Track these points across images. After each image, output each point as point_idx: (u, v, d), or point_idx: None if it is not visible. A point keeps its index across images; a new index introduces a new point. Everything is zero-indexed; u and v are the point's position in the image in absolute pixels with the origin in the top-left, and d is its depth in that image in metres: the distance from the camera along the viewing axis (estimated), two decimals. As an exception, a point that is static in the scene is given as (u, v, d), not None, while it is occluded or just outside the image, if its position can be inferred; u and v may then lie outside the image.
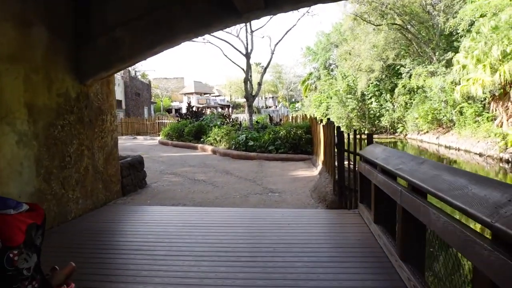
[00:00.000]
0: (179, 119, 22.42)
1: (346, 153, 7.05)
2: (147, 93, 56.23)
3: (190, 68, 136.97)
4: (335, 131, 7.24)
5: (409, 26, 32.60)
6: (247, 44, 16.98)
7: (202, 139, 18.47)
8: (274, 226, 5.74)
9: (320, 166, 10.91)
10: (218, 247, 4.81)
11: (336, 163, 7.18)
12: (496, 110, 22.12)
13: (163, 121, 27.52)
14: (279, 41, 17.60)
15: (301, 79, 69.35)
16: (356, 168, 6.55)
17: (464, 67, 22.10)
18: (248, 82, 16.94)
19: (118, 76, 44.02)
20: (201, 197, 8.32)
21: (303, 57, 63.40)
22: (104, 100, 7.92)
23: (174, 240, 5.13)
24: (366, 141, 6.42)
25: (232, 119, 18.46)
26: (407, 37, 33.96)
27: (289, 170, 11.73)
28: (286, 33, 17.44)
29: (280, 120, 19.28)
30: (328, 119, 9.75)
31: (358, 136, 6.89)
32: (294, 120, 17.13)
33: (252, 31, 17.14)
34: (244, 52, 16.87)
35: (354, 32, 39.29)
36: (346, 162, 7.16)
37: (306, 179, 10.11)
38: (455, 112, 26.83)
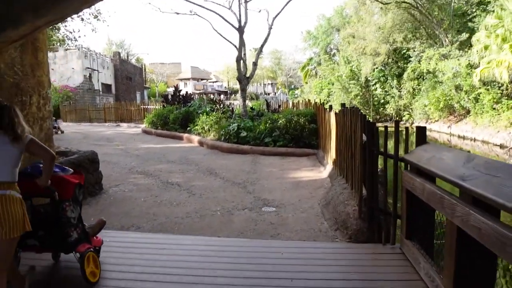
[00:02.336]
0: (165, 104, 19.91)
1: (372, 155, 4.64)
2: (139, 78, 53.72)
3: (188, 54, 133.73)
4: (362, 123, 4.81)
5: (419, 6, 29.89)
6: (239, 16, 14.36)
7: (189, 128, 16.03)
8: (267, 284, 3.38)
9: (329, 165, 8.52)
10: None
11: (362, 171, 4.78)
12: (521, 97, 19.71)
13: (148, 106, 24.95)
14: (278, 13, 15.02)
15: (301, 65, 66.81)
16: (402, 182, 4.15)
17: (486, 47, 19.59)
18: (242, 61, 14.35)
19: (107, 59, 41.47)
20: (167, 213, 5.93)
21: (303, 42, 60.69)
22: (26, 74, 5.52)
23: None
24: (415, 136, 4.02)
25: (224, 105, 15.98)
26: (417, 18, 31.33)
27: (289, 169, 9.34)
28: (286, 4, 14.74)
29: (279, 106, 16.72)
30: (343, 104, 7.32)
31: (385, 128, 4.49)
32: (295, 107, 14.57)
33: (246, 1, 14.54)
34: (237, 26, 14.29)
35: (359, 13, 36.61)
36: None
37: (312, 184, 7.72)
38: (471, 98, 24.38)
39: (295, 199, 6.58)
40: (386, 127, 4.40)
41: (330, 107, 9.45)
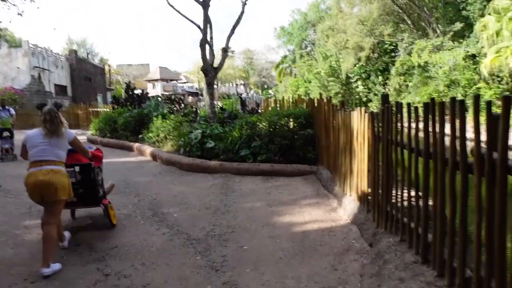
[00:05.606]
0: (115, 106, 16.17)
1: None
2: (101, 78, 49.31)
3: (156, 55, 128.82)
4: None
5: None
6: (204, -16, 10.76)
7: (141, 136, 12.44)
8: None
9: (350, 199, 5.15)
10: None
11: None
12: (534, 91, 16.92)
13: (97, 109, 20.98)
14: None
15: (274, 64, 63.79)
16: None
17: (498, 33, 16.67)
18: (208, 46, 10.79)
19: (61, 58, 37.19)
20: None
21: (277, 39, 57.66)
22: None
23: None
24: None
25: (186, 105, 12.35)
26: (402, 8, 28.47)
27: (282, 203, 5.88)
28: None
29: (258, 105, 13.05)
30: (385, 97, 4.00)
31: None
32: (280, 105, 10.91)
33: (211, -34, 10.95)
34: (200, -1, 10.71)
35: (339, 4, 33.65)
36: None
37: (329, 240, 4.30)
38: (469, 94, 21.59)
39: (311, 294, 3.17)
40: None
41: (342, 103, 6.09)
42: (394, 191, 3.70)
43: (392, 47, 31.02)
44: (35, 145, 3.85)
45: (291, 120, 8.37)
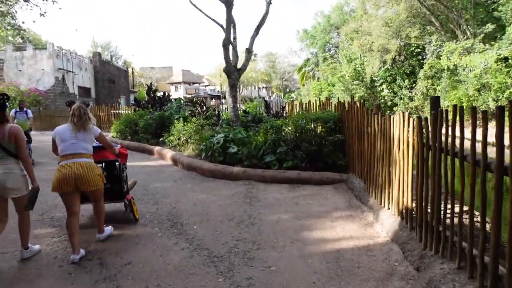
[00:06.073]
0: (136, 108, 15.94)
1: None
2: (124, 81, 49.72)
3: (179, 58, 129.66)
4: None
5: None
6: (227, -18, 10.35)
7: (162, 139, 12.11)
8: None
9: (388, 213, 4.64)
10: None
11: None
12: None
13: (119, 111, 20.86)
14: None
15: (297, 67, 63.24)
16: None
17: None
18: (231, 47, 10.39)
19: (85, 60, 37.47)
20: None
21: (300, 41, 57.01)
22: None
23: None
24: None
25: (208, 107, 11.99)
26: (430, 9, 27.56)
27: (311, 215, 5.40)
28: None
29: (283, 109, 12.46)
30: (436, 99, 3.48)
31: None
32: (306, 109, 10.33)
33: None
34: (224, -2, 10.29)
35: (365, 6, 32.95)
36: None
37: (368, 262, 3.79)
38: (502, 99, 20.69)
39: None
40: None
41: (378, 107, 5.58)
42: (449, 209, 3.19)
43: (419, 49, 30.15)
44: (65, 140, 4.21)
45: (319, 124, 7.86)
